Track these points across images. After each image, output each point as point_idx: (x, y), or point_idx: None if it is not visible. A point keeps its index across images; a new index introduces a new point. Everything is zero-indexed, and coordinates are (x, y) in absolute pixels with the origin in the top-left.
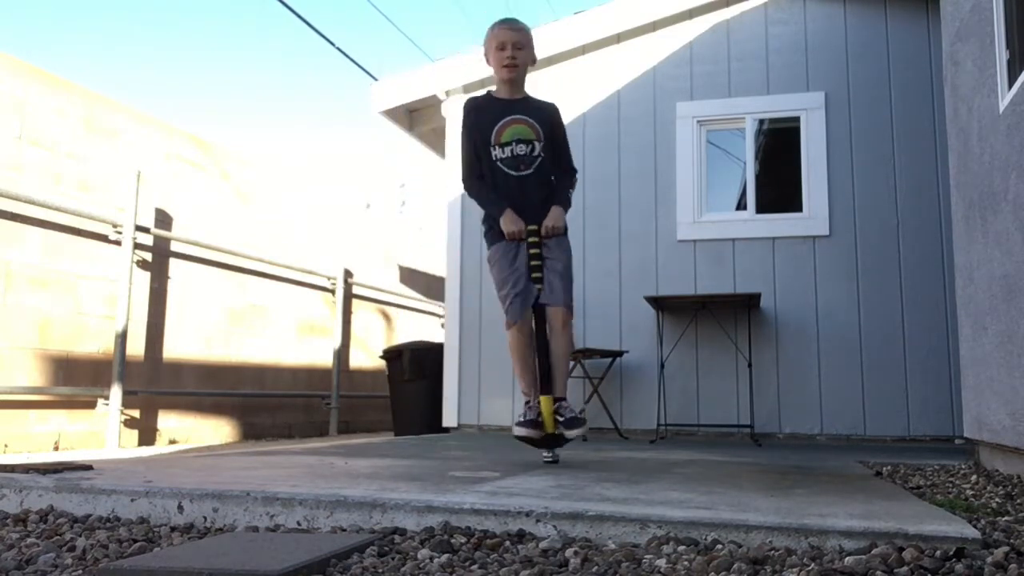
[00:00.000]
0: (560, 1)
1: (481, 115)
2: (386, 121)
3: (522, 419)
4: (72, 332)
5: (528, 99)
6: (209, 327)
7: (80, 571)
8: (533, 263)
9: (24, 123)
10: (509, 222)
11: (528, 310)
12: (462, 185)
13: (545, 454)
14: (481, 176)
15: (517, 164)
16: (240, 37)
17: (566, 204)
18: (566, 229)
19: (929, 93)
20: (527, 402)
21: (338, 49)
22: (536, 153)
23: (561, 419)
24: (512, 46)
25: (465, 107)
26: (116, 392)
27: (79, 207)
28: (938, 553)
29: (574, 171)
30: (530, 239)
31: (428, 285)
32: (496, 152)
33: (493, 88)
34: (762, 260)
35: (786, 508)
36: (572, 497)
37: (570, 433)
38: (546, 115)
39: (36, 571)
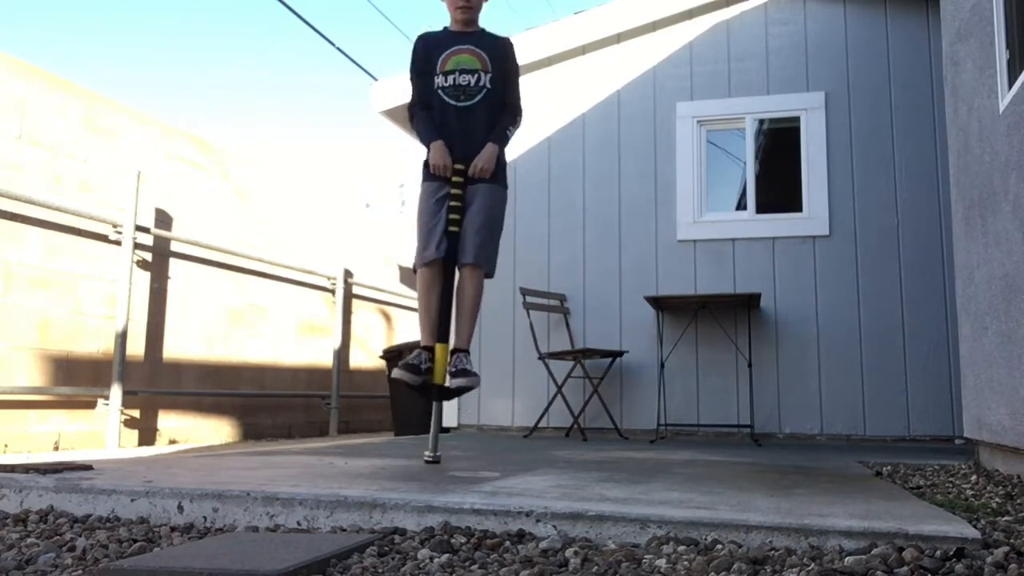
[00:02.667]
0: (560, 1)
1: (429, 43)
2: (386, 121)
3: (404, 361)
4: (72, 332)
5: (483, 33)
6: (209, 327)
7: (80, 571)
8: (452, 204)
9: (24, 123)
10: (435, 155)
11: (435, 255)
12: (407, 114)
13: (426, 454)
14: (427, 107)
15: (458, 94)
16: (240, 37)
17: (502, 142)
18: (500, 174)
19: (929, 93)
20: (417, 350)
21: (338, 49)
22: (481, 84)
23: (452, 369)
24: None
25: (417, 40)
26: (116, 392)
27: (79, 207)
28: (938, 553)
29: (518, 109)
30: (453, 178)
31: None
32: (439, 80)
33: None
34: (762, 260)
35: (786, 508)
36: (572, 497)
37: (452, 382)
38: (497, 48)
39: (36, 571)
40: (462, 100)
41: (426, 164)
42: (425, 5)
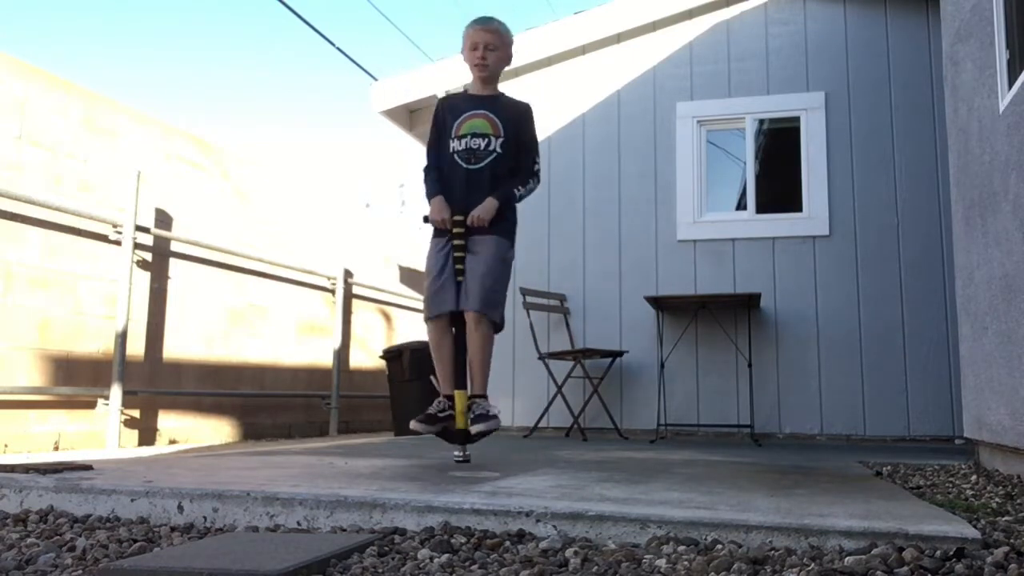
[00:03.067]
0: (560, 1)
1: (448, 107)
2: (386, 121)
3: (424, 413)
4: (72, 332)
5: (500, 97)
6: (209, 327)
7: (80, 571)
8: (456, 255)
9: (24, 123)
10: (434, 209)
11: (441, 308)
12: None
13: (456, 453)
14: (438, 167)
15: (469, 157)
16: (240, 37)
17: (504, 199)
18: (503, 228)
19: (929, 93)
20: (438, 399)
21: (338, 49)
22: (491, 148)
23: (471, 415)
24: (484, 47)
25: (439, 102)
26: (116, 392)
27: (79, 207)
28: (938, 553)
29: (532, 174)
30: (455, 229)
31: None
32: (453, 144)
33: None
34: (762, 260)
35: (786, 508)
36: (572, 497)
37: (474, 428)
38: (512, 114)
39: (36, 571)
40: (472, 163)
41: (425, 219)
42: (425, 5)
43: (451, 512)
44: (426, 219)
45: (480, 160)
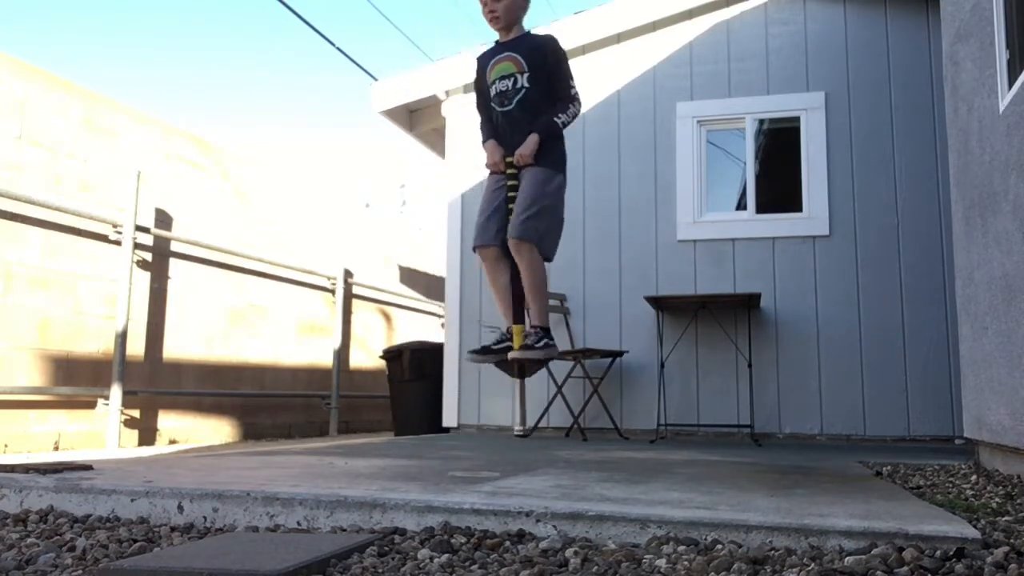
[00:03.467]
0: (560, 1)
1: (481, 60)
2: (386, 121)
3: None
4: (72, 332)
5: (523, 37)
6: (209, 327)
7: (80, 571)
8: (509, 195)
9: (24, 123)
10: (488, 154)
11: (485, 239)
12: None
13: (516, 429)
14: (488, 118)
15: (502, 100)
16: (240, 37)
17: (544, 130)
18: (546, 158)
19: (929, 93)
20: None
21: (338, 49)
22: (519, 86)
23: (522, 344)
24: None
25: (476, 59)
26: (116, 392)
27: (79, 207)
28: (938, 553)
29: (571, 100)
30: (508, 171)
31: (428, 285)
32: (490, 91)
33: None
34: (762, 260)
35: (786, 508)
36: (572, 497)
37: (513, 353)
38: (536, 47)
39: (36, 571)
40: (505, 105)
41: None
42: (425, 5)
43: (451, 512)
44: (488, 166)
45: (511, 100)
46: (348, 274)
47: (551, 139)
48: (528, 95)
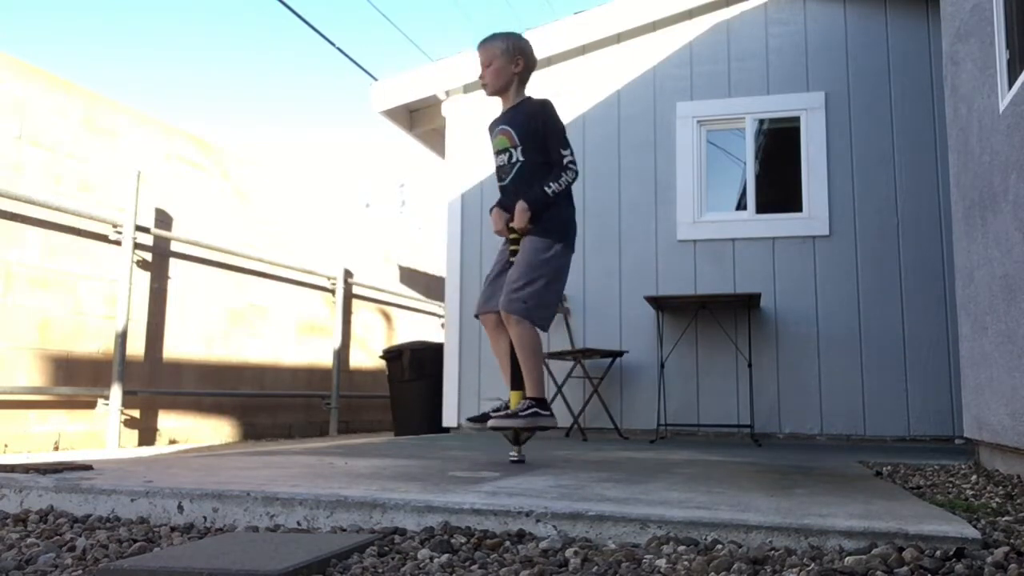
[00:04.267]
0: (560, 1)
1: (489, 132)
2: (386, 121)
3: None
4: (72, 332)
5: (519, 104)
6: (209, 327)
7: (80, 571)
8: (511, 260)
9: (24, 123)
10: (492, 219)
11: (484, 307)
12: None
13: (511, 454)
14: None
15: (501, 175)
16: (240, 37)
17: (532, 200)
18: (539, 226)
19: (929, 93)
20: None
21: (338, 49)
22: (513, 160)
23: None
24: (482, 67)
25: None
26: (116, 392)
27: (79, 207)
28: (938, 553)
29: (562, 167)
30: (511, 236)
31: (428, 285)
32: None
33: None
34: (762, 260)
35: (786, 508)
36: (572, 497)
37: (493, 421)
38: (527, 116)
39: (36, 571)
40: (503, 179)
41: None
42: (425, 5)
43: (451, 512)
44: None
45: (507, 174)
46: (348, 274)
47: (541, 208)
48: (522, 169)
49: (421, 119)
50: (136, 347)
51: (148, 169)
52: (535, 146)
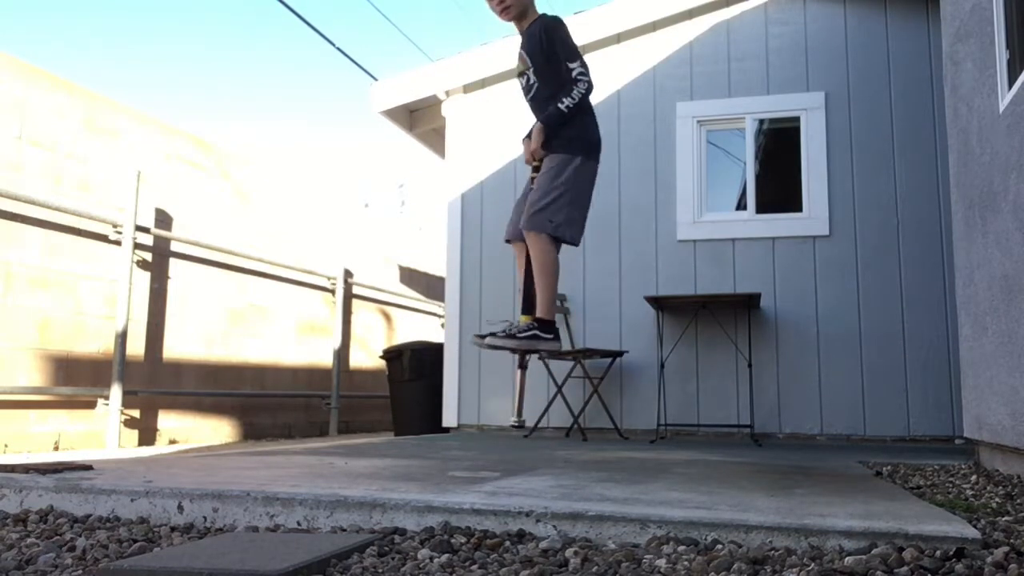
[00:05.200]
0: (560, 1)
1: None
2: (386, 121)
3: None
4: (72, 332)
5: (531, 26)
6: (209, 327)
7: (80, 571)
8: (532, 187)
9: (24, 123)
10: (523, 148)
11: (509, 233)
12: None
13: (512, 419)
14: None
15: (524, 94)
16: (241, 37)
17: (547, 121)
18: (555, 143)
19: (929, 93)
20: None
21: (338, 49)
22: (531, 82)
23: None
24: None
25: None
26: (116, 392)
27: (79, 207)
28: (938, 553)
29: (572, 81)
30: (534, 163)
31: (428, 285)
32: None
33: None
34: (762, 260)
35: (786, 508)
36: (572, 497)
37: (489, 340)
38: (533, 36)
39: (36, 571)
40: (527, 98)
41: None
42: (425, 5)
43: (451, 512)
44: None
45: (527, 95)
46: (348, 274)
47: (557, 126)
48: (538, 90)
49: (421, 119)
50: (136, 347)
51: (148, 169)
52: (544, 67)
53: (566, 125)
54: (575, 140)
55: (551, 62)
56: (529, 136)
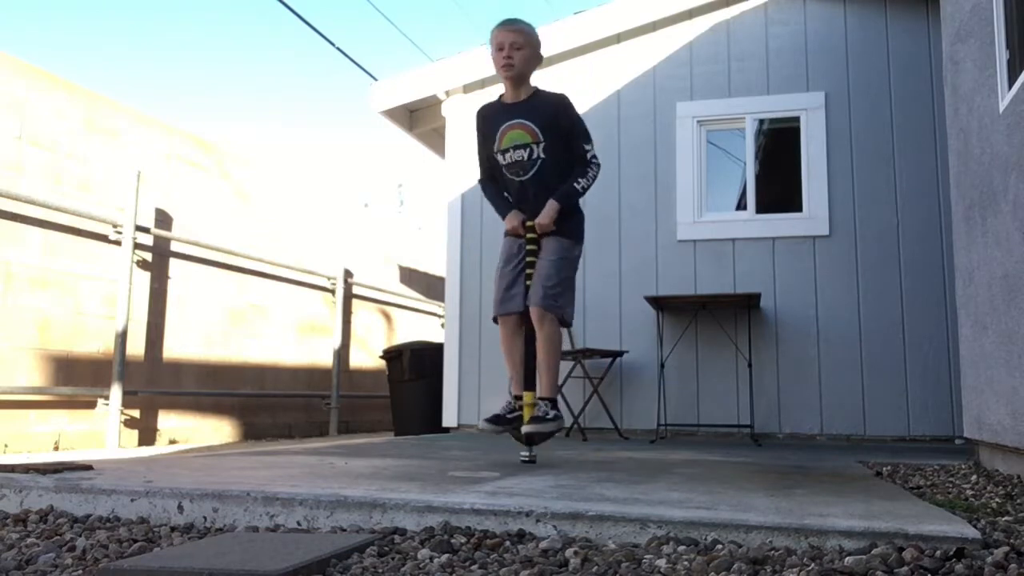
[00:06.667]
0: (560, 1)
1: (487, 123)
2: (386, 121)
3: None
4: (72, 332)
5: (533, 97)
6: (209, 327)
7: (80, 571)
8: (528, 259)
9: (24, 123)
10: (509, 224)
11: (509, 308)
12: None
13: (523, 453)
14: (492, 178)
15: (517, 170)
16: (240, 37)
17: (564, 199)
18: (566, 227)
19: (929, 93)
20: (508, 400)
21: (338, 49)
22: (535, 156)
23: (530, 416)
24: (509, 46)
25: (476, 115)
26: (116, 392)
27: (79, 207)
28: (938, 553)
29: (587, 163)
30: (528, 235)
31: (428, 285)
32: (500, 159)
33: (503, 91)
34: (762, 260)
35: (786, 508)
36: (572, 497)
37: (525, 428)
38: (548, 111)
39: (36, 571)
40: (521, 175)
41: (506, 233)
42: (425, 5)
43: (451, 512)
44: (506, 233)
45: (528, 170)
46: (348, 274)
47: (570, 207)
48: (544, 165)
49: (421, 119)
50: (136, 347)
51: (148, 169)
52: (558, 143)
53: (575, 209)
54: (579, 226)
55: (568, 140)
56: (520, 208)
